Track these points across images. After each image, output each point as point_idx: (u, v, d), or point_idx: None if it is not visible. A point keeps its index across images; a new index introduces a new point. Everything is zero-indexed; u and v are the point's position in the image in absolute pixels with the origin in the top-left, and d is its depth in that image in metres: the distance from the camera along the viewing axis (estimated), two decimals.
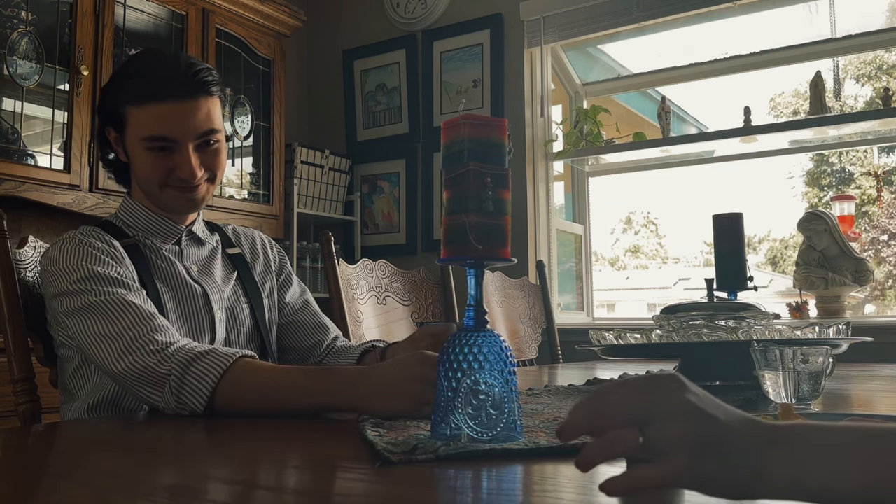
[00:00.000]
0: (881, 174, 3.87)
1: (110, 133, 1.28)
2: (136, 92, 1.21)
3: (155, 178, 1.24)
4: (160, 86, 1.20)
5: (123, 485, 0.68)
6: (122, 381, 1.08)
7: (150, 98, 1.20)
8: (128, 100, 1.22)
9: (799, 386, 0.99)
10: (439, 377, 0.76)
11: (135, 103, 1.21)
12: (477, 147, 0.74)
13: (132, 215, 1.31)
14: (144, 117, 1.21)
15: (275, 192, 3.35)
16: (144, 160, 1.24)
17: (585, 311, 3.57)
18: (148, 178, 1.25)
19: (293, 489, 0.63)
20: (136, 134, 1.22)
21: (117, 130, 1.26)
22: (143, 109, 1.21)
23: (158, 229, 1.30)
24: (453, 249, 0.75)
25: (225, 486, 0.66)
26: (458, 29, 3.56)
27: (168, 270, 1.27)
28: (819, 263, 2.84)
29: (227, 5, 3.17)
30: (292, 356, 1.45)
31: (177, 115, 1.21)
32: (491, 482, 0.64)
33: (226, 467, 0.75)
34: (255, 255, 1.45)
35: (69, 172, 2.58)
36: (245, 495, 0.62)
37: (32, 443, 0.93)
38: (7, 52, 2.45)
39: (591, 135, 3.40)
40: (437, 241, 3.53)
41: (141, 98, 1.21)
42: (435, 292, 2.12)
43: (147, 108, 1.20)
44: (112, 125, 1.27)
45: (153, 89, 1.20)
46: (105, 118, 1.28)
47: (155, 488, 0.66)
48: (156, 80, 1.21)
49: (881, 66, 7.69)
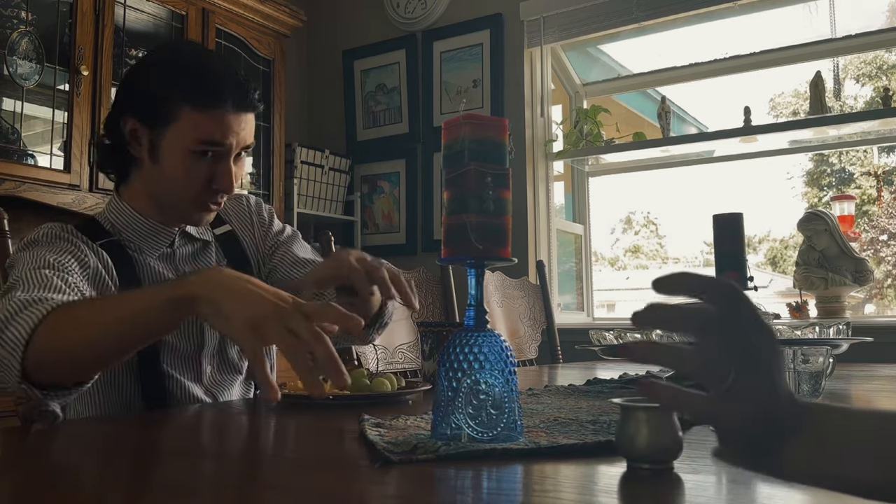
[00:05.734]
0: (881, 174, 3.87)
1: (130, 123, 1.18)
2: (198, 92, 1.14)
3: (189, 186, 1.18)
4: (224, 93, 1.15)
5: (123, 484, 0.68)
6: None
7: (214, 105, 1.14)
8: (186, 99, 1.14)
9: (799, 386, 0.99)
10: (439, 377, 0.76)
11: (195, 105, 1.14)
12: (477, 147, 0.74)
13: (122, 217, 1.24)
14: (203, 120, 1.14)
15: (275, 191, 3.35)
16: (184, 163, 1.16)
17: (585, 311, 3.57)
18: (180, 184, 1.18)
19: (293, 488, 0.63)
20: (187, 135, 1.15)
21: (150, 124, 1.16)
22: (203, 114, 1.14)
23: (148, 234, 1.24)
24: (454, 249, 0.75)
25: (225, 484, 0.66)
26: (458, 29, 3.56)
27: (156, 270, 1.23)
28: (819, 263, 2.84)
29: (227, 5, 3.17)
30: None
31: (232, 125, 1.16)
32: (491, 482, 0.64)
33: (225, 466, 0.75)
34: (244, 224, 1.39)
35: (69, 172, 2.58)
36: (245, 494, 0.62)
37: (32, 443, 0.93)
38: (7, 52, 2.44)
39: (591, 135, 3.40)
40: (437, 241, 3.53)
41: (204, 100, 1.14)
42: (435, 292, 2.12)
43: (209, 112, 1.14)
44: (143, 118, 1.17)
45: (217, 95, 1.14)
46: (135, 108, 1.17)
47: (154, 487, 0.66)
48: (223, 85, 1.15)
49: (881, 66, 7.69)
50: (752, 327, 0.53)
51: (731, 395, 0.52)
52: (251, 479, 0.69)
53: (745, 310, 0.53)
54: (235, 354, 1.31)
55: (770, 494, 0.56)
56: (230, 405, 1.24)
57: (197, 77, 1.15)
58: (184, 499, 0.60)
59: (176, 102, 1.14)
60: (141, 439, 0.94)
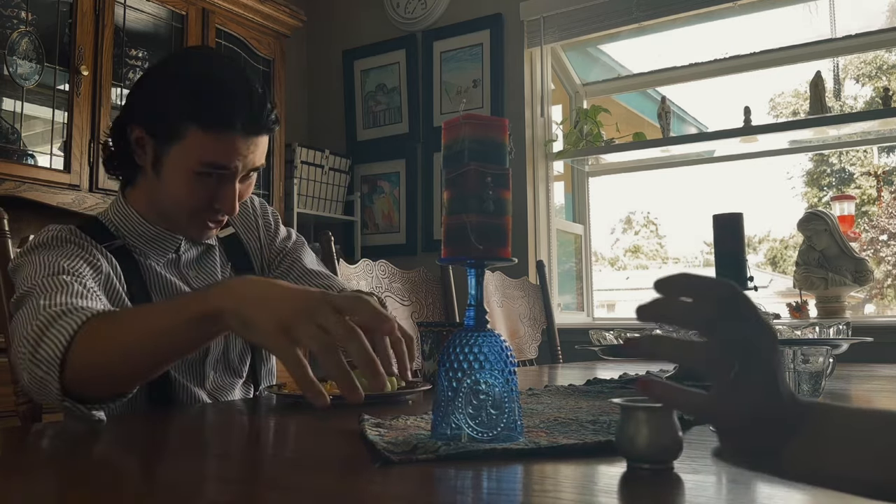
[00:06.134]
0: (881, 174, 3.87)
1: (137, 131, 1.14)
2: (206, 114, 1.09)
3: (190, 205, 1.15)
4: (234, 116, 1.10)
5: (123, 484, 0.68)
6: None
7: (222, 127, 1.09)
8: (193, 118, 1.09)
9: (799, 386, 0.99)
10: (439, 377, 0.76)
11: (202, 125, 1.09)
12: (477, 147, 0.74)
13: (127, 221, 1.21)
14: (208, 142, 1.10)
15: (275, 192, 3.35)
16: (187, 183, 1.13)
17: (585, 311, 3.57)
18: (181, 202, 1.15)
19: (293, 488, 0.63)
20: (191, 155, 1.11)
21: (157, 138, 1.13)
22: (209, 135, 1.09)
23: (154, 241, 1.22)
24: (454, 249, 0.75)
25: (225, 484, 0.66)
26: (458, 29, 3.56)
27: (163, 276, 1.22)
28: (819, 263, 2.84)
29: (227, 5, 3.17)
30: None
31: (240, 148, 1.12)
32: (491, 482, 0.64)
33: (226, 466, 0.75)
34: (248, 228, 1.37)
35: (69, 172, 2.58)
36: (245, 494, 0.62)
37: (32, 443, 0.93)
38: (7, 52, 2.45)
39: (591, 135, 3.40)
40: (437, 241, 3.53)
41: (211, 123, 1.09)
42: (435, 292, 2.12)
43: (215, 135, 1.10)
44: (150, 129, 1.14)
45: (226, 118, 1.09)
46: (143, 118, 1.14)
47: (155, 487, 0.66)
48: (230, 108, 1.10)
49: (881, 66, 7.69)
50: (753, 327, 0.53)
51: (732, 393, 0.52)
52: (251, 479, 0.69)
53: (745, 310, 0.53)
54: (236, 358, 1.32)
55: (770, 494, 0.56)
56: (231, 405, 1.24)
57: (206, 95, 1.10)
58: (184, 498, 0.60)
59: (182, 121, 1.10)
60: (141, 438, 0.94)
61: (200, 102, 1.09)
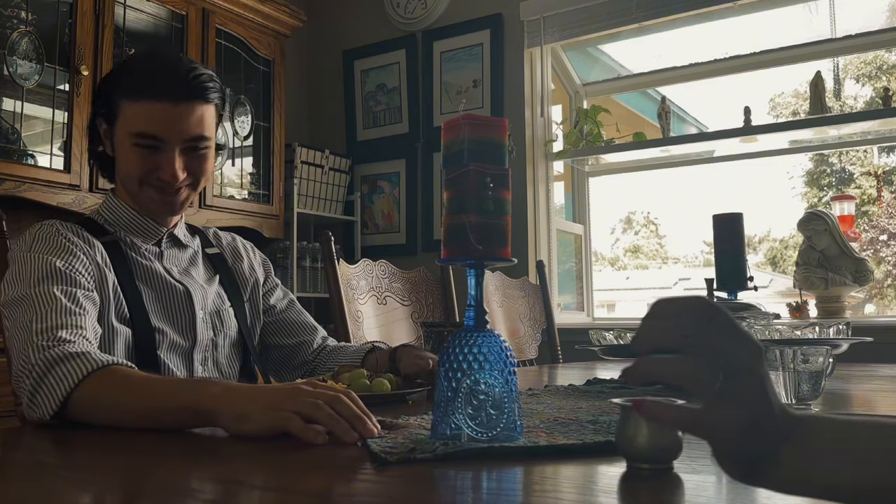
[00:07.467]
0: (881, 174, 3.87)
1: (101, 124, 1.26)
2: (132, 86, 1.19)
3: (136, 175, 1.22)
4: (157, 83, 1.19)
5: (123, 484, 0.68)
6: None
7: (145, 94, 1.19)
8: (123, 93, 1.20)
9: (799, 386, 0.99)
10: (440, 377, 0.76)
11: (129, 97, 1.19)
12: (477, 147, 0.74)
13: (114, 212, 1.29)
14: (136, 112, 1.19)
15: (275, 192, 3.35)
16: (129, 155, 1.22)
17: (585, 311, 3.57)
18: (129, 174, 1.23)
19: (293, 489, 0.63)
20: (125, 128, 1.21)
21: (108, 122, 1.24)
22: (136, 105, 1.19)
23: (139, 228, 1.29)
24: (453, 249, 0.75)
25: (224, 485, 0.66)
26: (458, 29, 3.56)
27: (149, 268, 1.27)
28: (819, 263, 2.84)
29: (227, 5, 3.17)
30: (276, 354, 1.46)
31: (169, 116, 1.19)
32: (491, 482, 0.64)
33: (225, 467, 0.75)
34: (237, 258, 1.44)
35: (69, 172, 2.58)
36: (244, 495, 0.62)
37: (32, 443, 0.93)
38: (7, 52, 2.44)
39: (591, 135, 3.40)
40: (437, 241, 3.53)
41: (136, 93, 1.19)
42: (435, 292, 2.12)
43: (141, 103, 1.19)
44: (104, 116, 1.25)
45: (150, 86, 1.19)
46: (98, 109, 1.26)
47: (154, 488, 0.66)
48: (154, 78, 1.19)
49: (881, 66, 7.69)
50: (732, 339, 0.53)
51: (718, 406, 0.52)
52: (251, 479, 0.69)
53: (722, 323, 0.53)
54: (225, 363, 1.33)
55: (770, 494, 0.56)
56: None
57: (136, 72, 1.22)
58: (181, 499, 0.60)
59: (117, 97, 1.21)
60: (140, 438, 0.94)
61: (128, 77, 1.22)
